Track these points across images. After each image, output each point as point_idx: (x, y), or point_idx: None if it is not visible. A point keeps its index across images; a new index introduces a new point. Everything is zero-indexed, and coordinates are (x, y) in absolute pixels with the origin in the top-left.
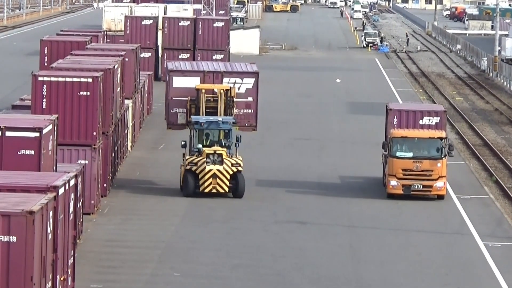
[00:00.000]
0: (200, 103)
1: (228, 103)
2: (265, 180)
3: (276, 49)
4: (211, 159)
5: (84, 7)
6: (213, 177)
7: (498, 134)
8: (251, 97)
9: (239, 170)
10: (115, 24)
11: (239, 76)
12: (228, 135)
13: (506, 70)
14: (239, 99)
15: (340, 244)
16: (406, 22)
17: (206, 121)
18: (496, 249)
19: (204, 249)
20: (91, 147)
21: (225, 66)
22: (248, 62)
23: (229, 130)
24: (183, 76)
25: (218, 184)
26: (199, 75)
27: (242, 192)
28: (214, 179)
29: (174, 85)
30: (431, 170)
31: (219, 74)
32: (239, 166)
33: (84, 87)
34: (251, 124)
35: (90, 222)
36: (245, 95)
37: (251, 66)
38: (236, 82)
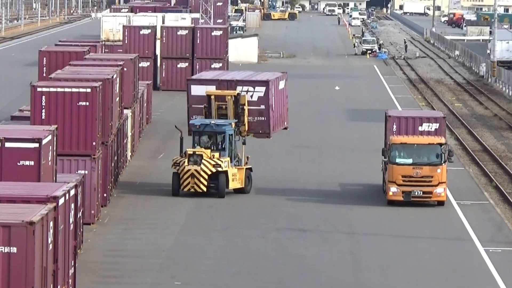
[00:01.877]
0: (211, 109)
1: (237, 110)
2: (265, 187)
3: (274, 57)
4: (192, 159)
5: (82, 17)
6: (191, 177)
7: (497, 140)
8: (263, 105)
9: (219, 171)
10: (113, 34)
11: (251, 84)
12: (223, 138)
13: (505, 76)
14: (252, 107)
15: (341, 251)
16: (404, 28)
17: (201, 124)
18: (496, 255)
19: (205, 257)
20: (90, 157)
21: (250, 75)
22: (280, 71)
23: (223, 133)
24: (200, 84)
25: (195, 184)
26: (214, 83)
27: (222, 192)
28: (193, 179)
29: (192, 93)
30: (431, 176)
31: (232, 82)
32: (219, 166)
33: (83, 97)
34: (265, 131)
35: (91, 232)
36: (257, 103)
37: (273, 74)
38: (248, 91)
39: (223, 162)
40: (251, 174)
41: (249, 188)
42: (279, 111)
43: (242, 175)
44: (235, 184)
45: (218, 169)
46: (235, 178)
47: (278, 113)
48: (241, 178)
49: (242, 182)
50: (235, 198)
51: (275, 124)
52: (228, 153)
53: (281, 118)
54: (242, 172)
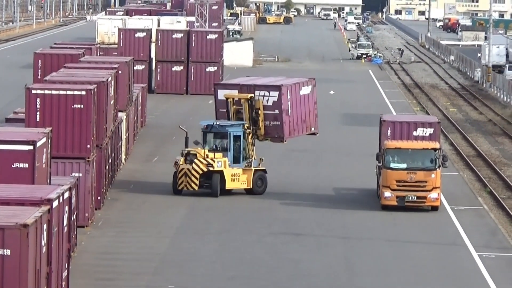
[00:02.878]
0: (229, 111)
1: (251, 114)
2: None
3: (269, 61)
4: (188, 159)
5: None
6: (184, 176)
7: (491, 145)
8: (277, 110)
9: (212, 170)
10: (108, 37)
11: (266, 89)
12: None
13: (500, 81)
14: (267, 112)
15: (335, 255)
16: (399, 33)
17: (207, 124)
18: (490, 260)
19: (199, 261)
20: (85, 160)
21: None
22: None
23: (226, 134)
24: (224, 88)
25: (188, 183)
26: (236, 87)
27: (214, 191)
28: (186, 178)
29: (218, 98)
30: (425, 181)
31: (251, 87)
32: (211, 166)
33: (78, 100)
34: (279, 136)
35: (85, 235)
36: (272, 107)
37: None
38: (264, 95)
39: (215, 161)
40: (265, 175)
41: (261, 189)
42: (300, 116)
43: (250, 176)
44: (237, 184)
45: (209, 169)
46: (237, 179)
47: (300, 118)
48: (248, 179)
49: (250, 183)
50: (230, 201)
51: (293, 129)
52: (234, 153)
53: (304, 124)
54: (250, 173)
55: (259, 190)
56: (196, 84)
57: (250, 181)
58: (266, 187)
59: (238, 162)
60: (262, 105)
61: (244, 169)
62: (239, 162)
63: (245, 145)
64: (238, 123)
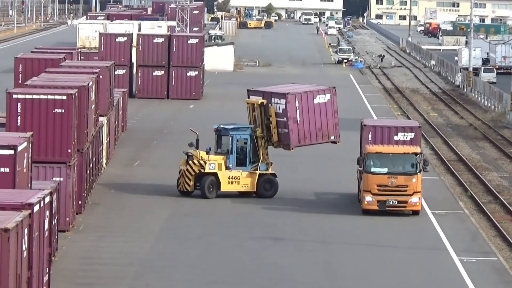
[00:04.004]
0: (248, 116)
1: (263, 119)
2: (241, 197)
3: (250, 65)
4: (188, 160)
5: (59, 25)
6: (182, 176)
7: (472, 150)
8: (285, 117)
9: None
10: (89, 42)
11: (277, 96)
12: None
13: (481, 86)
14: (279, 119)
15: (316, 260)
16: (380, 38)
17: (217, 127)
18: (471, 264)
19: (180, 266)
20: (66, 165)
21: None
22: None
23: (230, 137)
24: (252, 95)
25: (183, 183)
26: (260, 94)
27: (202, 192)
28: (182, 179)
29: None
30: (406, 186)
31: (269, 94)
32: (202, 168)
33: (59, 104)
34: (288, 143)
35: (65, 239)
36: (282, 115)
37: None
38: (277, 103)
39: (207, 164)
40: (274, 179)
41: (269, 193)
42: (314, 125)
43: (254, 180)
44: (236, 187)
45: (201, 170)
46: (237, 181)
47: (314, 127)
48: (251, 182)
49: (253, 187)
50: (210, 206)
51: (303, 138)
52: (238, 156)
53: (320, 132)
54: (254, 176)
55: (266, 194)
56: (177, 88)
57: (254, 184)
58: (276, 191)
59: (244, 165)
60: (274, 112)
61: (248, 172)
62: (245, 165)
63: (252, 149)
64: (245, 127)
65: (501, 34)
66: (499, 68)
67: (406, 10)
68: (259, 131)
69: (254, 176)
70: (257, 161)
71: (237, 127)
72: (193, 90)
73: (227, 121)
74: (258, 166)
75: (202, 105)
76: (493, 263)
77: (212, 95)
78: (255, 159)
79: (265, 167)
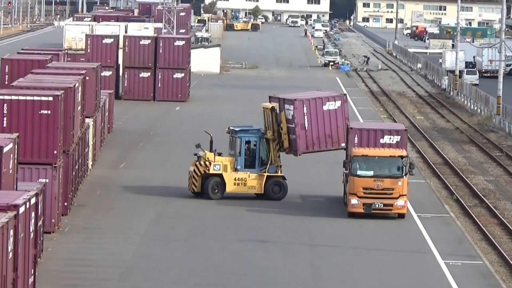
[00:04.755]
0: (264, 120)
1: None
2: (227, 198)
3: (237, 67)
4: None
5: (45, 26)
6: (190, 177)
7: (458, 153)
8: (293, 123)
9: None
10: (76, 43)
11: (287, 103)
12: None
13: (467, 89)
14: (289, 125)
15: (301, 262)
16: (367, 41)
17: (229, 129)
18: (456, 268)
19: (166, 267)
20: (51, 166)
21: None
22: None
23: (238, 139)
24: (272, 101)
25: (191, 184)
26: (277, 100)
27: (205, 193)
28: (190, 179)
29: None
30: (392, 189)
31: (282, 100)
32: (207, 169)
33: (45, 105)
34: (295, 150)
35: (51, 241)
36: (291, 121)
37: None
38: (288, 109)
39: (212, 165)
40: (283, 182)
41: (277, 195)
42: (323, 131)
43: (261, 182)
44: (243, 189)
45: (206, 171)
46: (243, 183)
47: (323, 133)
48: (259, 184)
49: (260, 189)
50: (196, 208)
51: (311, 144)
52: (247, 158)
53: (330, 139)
54: (261, 178)
55: (275, 197)
56: (164, 90)
57: (262, 186)
58: (285, 194)
59: (253, 167)
60: (285, 119)
61: (256, 174)
62: (254, 167)
63: (261, 151)
64: (254, 129)
65: (488, 38)
66: (486, 71)
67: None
68: (269, 134)
69: (262, 178)
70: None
71: (245, 129)
72: (180, 92)
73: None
74: (267, 168)
75: (188, 107)
76: (478, 266)
77: (198, 97)
78: (266, 161)
79: (274, 170)
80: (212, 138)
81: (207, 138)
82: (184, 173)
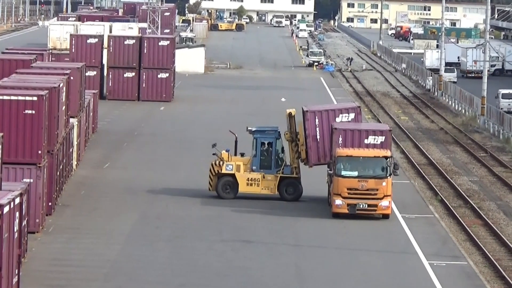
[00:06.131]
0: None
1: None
2: (211, 199)
3: (221, 68)
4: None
5: (30, 26)
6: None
7: (443, 154)
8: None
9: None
10: (60, 43)
11: (304, 114)
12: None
13: (451, 90)
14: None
15: (286, 263)
16: (351, 41)
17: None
18: (441, 268)
19: (150, 268)
20: (36, 166)
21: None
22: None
23: (254, 139)
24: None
25: (209, 182)
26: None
27: (218, 192)
28: (209, 178)
29: None
30: (376, 189)
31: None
32: (220, 168)
33: (30, 105)
34: (308, 160)
35: (35, 241)
36: (306, 132)
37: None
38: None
39: (225, 164)
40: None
41: (291, 197)
42: None
43: (275, 183)
44: (256, 189)
45: (219, 171)
46: (256, 184)
47: None
48: (272, 185)
49: (273, 190)
50: (181, 209)
51: (323, 156)
52: (263, 158)
53: None
54: (276, 179)
55: (288, 198)
56: (148, 90)
57: (275, 187)
58: (300, 195)
59: (269, 168)
60: (302, 130)
61: (270, 175)
62: (270, 168)
63: (277, 152)
64: (272, 130)
65: (472, 38)
66: (470, 72)
67: (377, 14)
68: (287, 135)
69: (276, 179)
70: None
71: (262, 129)
72: (164, 92)
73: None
74: (282, 169)
75: (172, 107)
76: (463, 267)
77: (183, 97)
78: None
79: (289, 171)
80: (237, 138)
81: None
82: (170, 173)
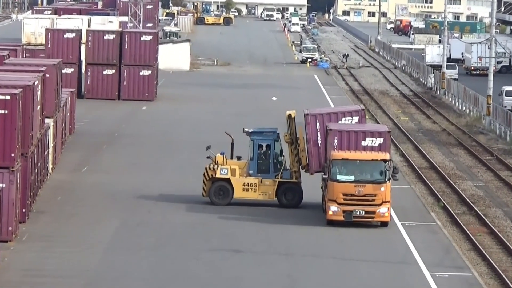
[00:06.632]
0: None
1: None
2: (197, 205)
3: (208, 64)
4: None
5: (2, 19)
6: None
7: (446, 156)
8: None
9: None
10: (35, 38)
11: (304, 118)
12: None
13: (455, 88)
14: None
15: (278, 273)
16: (347, 36)
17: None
18: (443, 280)
19: (132, 278)
20: (9, 170)
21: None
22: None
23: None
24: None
25: (203, 187)
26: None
27: (210, 198)
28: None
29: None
30: (374, 195)
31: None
32: (214, 172)
33: (2, 105)
34: (308, 166)
35: (8, 250)
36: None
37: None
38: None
39: (219, 168)
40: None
41: (291, 202)
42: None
43: (273, 188)
44: (253, 195)
45: (213, 175)
46: (252, 189)
47: None
48: (270, 190)
49: (271, 195)
50: (164, 215)
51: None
52: (260, 162)
53: None
54: (274, 184)
55: (287, 203)
56: (129, 88)
57: (273, 193)
58: (300, 201)
59: (267, 172)
60: (303, 134)
61: (268, 180)
62: (268, 172)
63: (276, 155)
64: (270, 131)
65: (477, 33)
66: (475, 69)
67: (375, 6)
68: (286, 137)
69: (274, 184)
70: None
71: (259, 131)
72: (146, 91)
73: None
74: (281, 173)
75: (155, 107)
76: (466, 278)
77: (166, 96)
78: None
79: (288, 175)
80: (233, 141)
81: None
82: (152, 177)
